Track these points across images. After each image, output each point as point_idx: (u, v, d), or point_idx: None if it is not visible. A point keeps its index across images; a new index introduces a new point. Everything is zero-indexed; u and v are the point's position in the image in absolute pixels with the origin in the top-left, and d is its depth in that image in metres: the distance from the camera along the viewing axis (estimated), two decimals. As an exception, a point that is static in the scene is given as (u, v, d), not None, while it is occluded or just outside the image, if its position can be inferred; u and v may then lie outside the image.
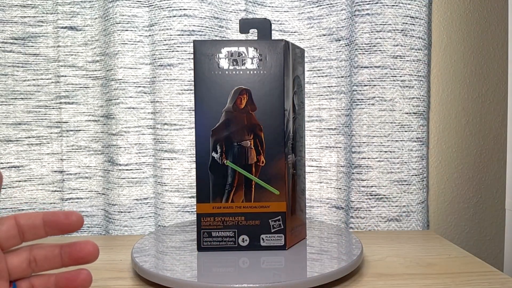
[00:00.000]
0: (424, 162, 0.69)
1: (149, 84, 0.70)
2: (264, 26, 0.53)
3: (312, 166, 0.74)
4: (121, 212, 0.71)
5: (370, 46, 0.66)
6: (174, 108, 0.68)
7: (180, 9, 0.67)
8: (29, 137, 0.73)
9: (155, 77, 0.69)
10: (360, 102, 0.67)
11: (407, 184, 0.68)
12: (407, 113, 0.67)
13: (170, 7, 0.67)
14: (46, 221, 0.35)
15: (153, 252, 0.52)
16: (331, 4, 0.71)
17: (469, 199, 0.75)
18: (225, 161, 0.51)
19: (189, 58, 0.68)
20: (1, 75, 0.71)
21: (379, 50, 0.66)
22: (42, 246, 0.36)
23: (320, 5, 0.72)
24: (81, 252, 0.35)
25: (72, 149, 0.74)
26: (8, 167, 0.72)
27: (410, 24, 0.66)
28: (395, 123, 0.67)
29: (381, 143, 0.67)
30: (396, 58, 0.66)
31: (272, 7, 0.73)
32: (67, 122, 0.73)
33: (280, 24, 0.73)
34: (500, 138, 0.75)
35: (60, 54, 0.72)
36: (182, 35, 0.67)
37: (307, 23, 0.73)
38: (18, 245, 0.35)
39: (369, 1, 0.66)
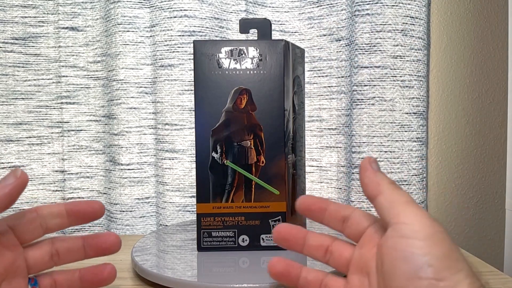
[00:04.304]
0: (424, 162, 0.69)
1: (150, 84, 0.71)
2: (264, 26, 0.53)
3: (312, 166, 0.74)
4: (123, 211, 0.71)
5: (370, 46, 0.66)
6: (175, 108, 0.69)
7: (181, 10, 0.67)
8: (30, 137, 0.73)
9: (156, 77, 0.69)
10: (360, 102, 0.67)
11: (407, 184, 0.68)
12: (407, 113, 0.67)
13: (171, 8, 0.67)
14: (68, 211, 0.35)
15: (153, 252, 0.52)
16: (331, 4, 0.71)
17: (469, 199, 0.75)
18: (225, 161, 0.51)
19: (189, 59, 0.68)
20: (2, 75, 0.71)
21: (379, 50, 0.66)
22: (64, 239, 0.36)
23: (321, 5, 0.72)
24: (105, 243, 0.35)
25: (74, 149, 0.74)
26: (9, 167, 0.72)
27: (410, 24, 0.66)
28: (395, 123, 0.67)
29: (381, 143, 0.67)
30: (396, 58, 0.66)
31: (273, 7, 0.73)
32: (68, 122, 0.74)
33: (281, 24, 0.73)
34: (500, 138, 0.75)
35: (61, 54, 0.73)
36: (183, 35, 0.67)
37: (307, 23, 0.73)
38: (40, 237, 0.35)
39: (369, 1, 0.66)
